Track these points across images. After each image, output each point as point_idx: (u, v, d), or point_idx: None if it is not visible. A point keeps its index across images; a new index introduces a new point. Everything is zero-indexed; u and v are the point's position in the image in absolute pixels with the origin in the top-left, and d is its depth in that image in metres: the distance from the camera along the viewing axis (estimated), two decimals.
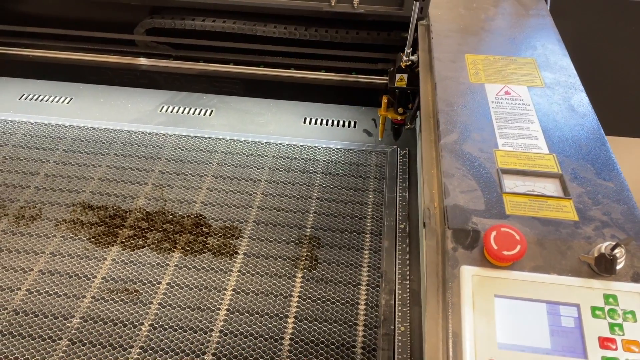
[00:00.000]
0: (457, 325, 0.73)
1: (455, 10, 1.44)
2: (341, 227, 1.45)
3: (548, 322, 0.73)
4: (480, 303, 0.74)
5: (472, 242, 0.81)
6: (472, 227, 0.82)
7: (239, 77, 1.61)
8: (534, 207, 0.86)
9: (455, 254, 0.79)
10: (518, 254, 0.76)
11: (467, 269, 0.78)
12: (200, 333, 1.19)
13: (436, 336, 0.76)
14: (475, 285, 0.76)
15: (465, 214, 0.85)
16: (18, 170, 1.59)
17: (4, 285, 1.27)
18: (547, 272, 0.77)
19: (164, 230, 1.42)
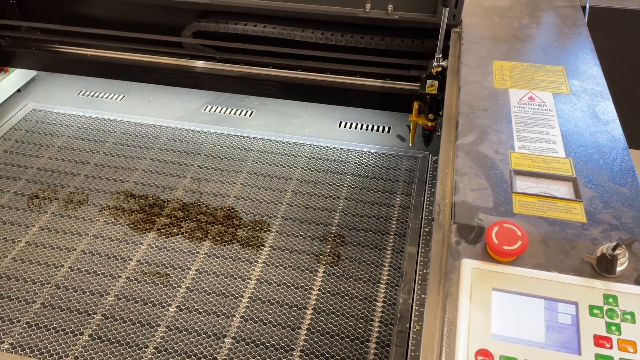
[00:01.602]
0: (453, 315, 0.75)
1: (489, 18, 1.45)
2: (366, 227, 1.48)
3: (544, 318, 0.74)
4: (478, 295, 0.76)
5: (476, 237, 0.83)
6: (477, 223, 0.84)
7: (277, 80, 1.67)
8: (543, 207, 0.87)
9: (458, 248, 0.82)
10: (518, 249, 0.77)
11: (468, 262, 0.80)
12: (222, 317, 1.25)
13: (433, 325, 0.78)
14: (475, 278, 0.78)
15: (472, 210, 0.87)
16: (71, 159, 1.72)
17: (49, 262, 1.38)
18: (548, 270, 0.77)
19: (197, 221, 1.50)
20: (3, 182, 1.62)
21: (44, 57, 1.84)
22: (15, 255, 1.39)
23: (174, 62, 1.74)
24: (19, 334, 1.21)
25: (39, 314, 1.25)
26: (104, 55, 1.77)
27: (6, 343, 1.19)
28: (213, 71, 1.72)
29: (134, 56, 1.76)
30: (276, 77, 1.67)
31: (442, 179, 0.98)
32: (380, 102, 1.66)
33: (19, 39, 1.85)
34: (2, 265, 1.36)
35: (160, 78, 1.77)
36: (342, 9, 1.49)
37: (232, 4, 1.57)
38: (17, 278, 1.33)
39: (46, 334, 1.21)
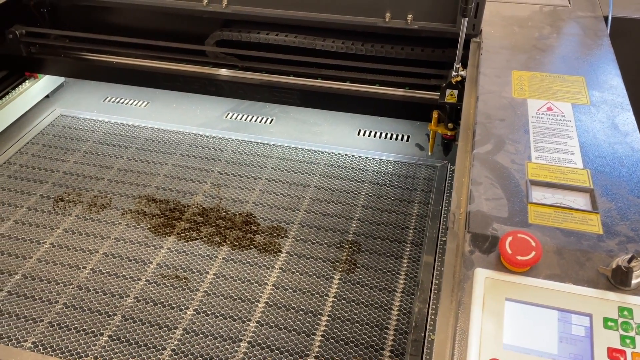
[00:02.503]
0: (465, 324, 0.75)
1: (509, 28, 1.45)
2: (383, 235, 1.48)
3: (558, 329, 0.74)
4: (491, 304, 0.76)
5: (490, 246, 0.83)
6: (492, 233, 0.84)
7: (297, 88, 1.69)
8: (558, 218, 0.86)
9: (472, 257, 0.82)
10: (532, 259, 0.77)
11: (481, 271, 0.80)
12: (238, 322, 1.27)
13: (445, 333, 0.78)
14: (488, 287, 0.78)
15: (486, 220, 0.87)
16: (95, 163, 1.77)
17: (72, 264, 1.41)
18: (562, 281, 0.77)
19: (216, 226, 1.52)
20: (30, 185, 1.67)
21: (72, 64, 1.89)
22: (40, 256, 1.43)
23: (197, 69, 1.77)
24: (41, 333, 1.24)
25: (61, 314, 1.28)
26: (129, 62, 1.82)
27: (29, 342, 1.22)
28: (235, 79, 1.75)
29: (158, 64, 1.80)
30: (296, 85, 1.70)
31: (457, 188, 0.99)
32: (400, 110, 1.67)
33: (48, 47, 1.91)
34: (27, 265, 1.41)
35: (184, 85, 1.80)
36: (362, 19, 1.50)
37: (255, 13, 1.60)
38: (41, 278, 1.37)
39: (67, 334, 1.24)
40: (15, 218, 1.55)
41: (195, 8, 1.66)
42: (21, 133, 1.90)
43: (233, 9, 1.63)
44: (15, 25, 1.86)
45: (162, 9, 1.71)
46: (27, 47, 1.88)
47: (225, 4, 1.62)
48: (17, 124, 1.94)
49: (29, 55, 1.88)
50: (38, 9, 1.93)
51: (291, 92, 1.71)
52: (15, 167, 1.75)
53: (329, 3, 1.52)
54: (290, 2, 1.56)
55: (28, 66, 1.95)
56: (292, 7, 1.56)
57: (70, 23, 1.96)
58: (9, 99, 1.91)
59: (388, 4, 1.48)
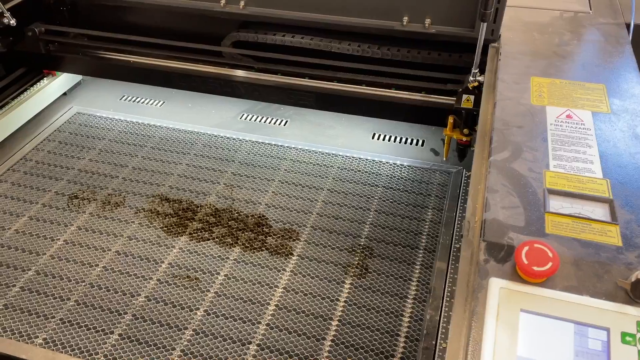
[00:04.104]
0: (478, 334, 0.74)
1: (528, 34, 1.43)
2: (395, 241, 1.47)
3: (574, 343, 0.72)
4: (505, 315, 0.75)
5: (505, 256, 0.81)
6: (507, 242, 0.83)
7: (313, 91, 1.68)
8: (576, 228, 0.84)
9: (486, 266, 0.80)
10: (549, 270, 0.75)
11: (496, 281, 0.78)
12: (248, 324, 1.26)
13: (458, 342, 0.77)
14: (502, 298, 0.77)
15: (502, 228, 0.85)
16: (110, 162, 1.78)
17: (85, 261, 1.42)
18: (579, 293, 0.75)
19: (228, 227, 1.52)
20: (45, 182, 1.69)
21: (89, 63, 1.91)
22: (53, 252, 1.44)
23: (213, 70, 1.77)
24: (52, 329, 1.25)
25: (72, 311, 1.29)
26: (146, 62, 1.83)
27: (40, 338, 1.23)
28: (250, 80, 1.74)
29: (175, 63, 1.80)
30: (312, 87, 1.69)
31: (473, 195, 0.97)
32: (415, 115, 1.66)
33: (66, 45, 1.92)
34: (40, 262, 1.41)
35: (199, 85, 1.81)
36: (380, 22, 1.49)
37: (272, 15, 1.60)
38: (54, 275, 1.38)
39: (78, 331, 1.24)
40: (30, 214, 1.56)
41: (213, 9, 1.66)
42: (38, 130, 1.91)
43: (250, 10, 1.63)
44: (34, 22, 1.87)
45: (180, 9, 1.72)
46: (45, 44, 1.89)
47: (242, 5, 1.62)
48: (34, 121, 1.96)
49: (47, 53, 1.89)
50: (58, 7, 1.95)
51: (307, 94, 1.70)
52: (31, 164, 1.76)
53: (347, 6, 1.52)
54: (307, 4, 1.56)
55: (46, 64, 1.96)
56: (309, 10, 1.56)
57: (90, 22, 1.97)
58: (26, 96, 1.94)
59: (406, 7, 1.47)
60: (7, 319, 1.27)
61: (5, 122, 1.85)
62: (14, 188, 1.66)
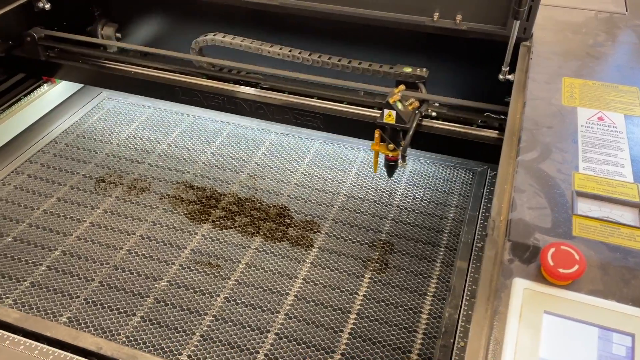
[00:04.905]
0: (500, 334, 0.74)
1: (561, 34, 1.41)
2: (416, 237, 1.47)
3: (597, 347, 0.71)
4: (528, 316, 0.74)
5: (530, 257, 0.80)
6: (533, 243, 0.82)
7: (321, 112, 1.54)
8: (605, 232, 0.83)
9: (511, 266, 0.80)
10: (575, 273, 0.74)
11: (520, 282, 0.78)
12: (267, 313, 1.27)
13: (479, 341, 0.76)
14: (526, 299, 0.76)
15: (528, 229, 0.84)
16: (137, 147, 1.80)
17: (110, 244, 1.45)
18: (605, 298, 0.74)
19: (250, 216, 1.53)
20: (74, 165, 1.72)
21: (89, 72, 1.79)
22: (79, 234, 1.47)
23: (217, 85, 1.66)
24: (76, 309, 1.28)
25: (96, 291, 1.32)
26: (147, 73, 1.72)
27: (64, 316, 1.26)
28: (255, 98, 1.61)
29: (177, 77, 1.69)
30: (320, 108, 1.56)
31: (499, 194, 0.96)
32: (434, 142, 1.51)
33: (66, 51, 1.81)
34: (67, 242, 1.45)
35: (202, 101, 1.67)
36: (409, 17, 1.48)
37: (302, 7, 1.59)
38: (80, 256, 1.41)
39: (101, 312, 1.27)
40: (58, 195, 1.60)
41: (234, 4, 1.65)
42: (68, 114, 1.95)
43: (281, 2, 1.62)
44: (34, 27, 1.76)
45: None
46: (45, 50, 1.78)
47: None
48: (64, 104, 1.99)
49: (46, 59, 1.78)
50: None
51: (314, 115, 1.56)
52: (61, 146, 1.80)
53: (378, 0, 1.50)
54: None
55: (45, 70, 1.85)
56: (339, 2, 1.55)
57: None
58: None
59: (437, 3, 1.45)
60: (33, 296, 1.30)
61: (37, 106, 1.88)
62: (43, 169, 1.70)
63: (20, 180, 1.65)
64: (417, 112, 1.39)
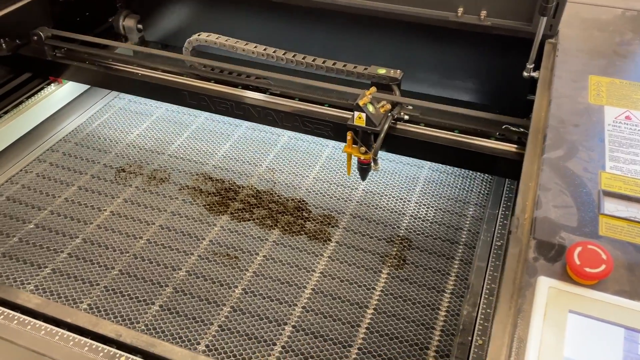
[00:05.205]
0: (524, 332, 0.73)
1: (588, 32, 1.39)
2: (435, 234, 1.46)
3: (623, 348, 0.70)
4: (553, 315, 0.74)
5: (556, 255, 0.80)
6: (559, 242, 0.81)
7: (332, 121, 1.46)
8: (632, 233, 0.82)
9: (535, 264, 0.79)
10: (602, 273, 0.73)
11: (545, 280, 0.77)
12: (285, 305, 1.28)
13: (501, 339, 0.76)
14: (551, 297, 0.75)
15: (554, 227, 0.83)
16: (157, 138, 1.81)
17: (130, 233, 1.46)
18: (631, 298, 0.73)
19: (269, 209, 1.54)
20: (95, 154, 1.74)
21: (95, 73, 1.72)
22: (99, 222, 1.49)
23: (224, 90, 1.58)
24: (97, 296, 1.29)
25: (116, 280, 1.33)
26: (155, 76, 1.66)
27: (84, 303, 1.27)
28: (263, 104, 1.54)
29: (184, 80, 1.63)
30: (331, 116, 1.48)
31: (523, 192, 0.95)
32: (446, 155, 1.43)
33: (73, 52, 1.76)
34: (88, 230, 1.46)
35: (209, 105, 1.60)
36: (433, 12, 1.47)
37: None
38: (100, 244, 1.42)
39: (121, 300, 1.28)
40: (79, 184, 1.62)
41: None
42: (88, 104, 1.96)
43: None
44: (41, 26, 1.71)
45: None
46: (52, 50, 1.73)
47: None
48: (85, 94, 2.01)
49: (53, 59, 1.73)
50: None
51: (325, 124, 1.48)
52: (82, 135, 1.82)
53: None
54: None
55: (51, 70, 1.79)
56: None
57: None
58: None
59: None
60: (54, 283, 1.32)
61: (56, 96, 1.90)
62: (64, 158, 1.72)
63: (42, 168, 1.68)
64: (389, 115, 1.34)
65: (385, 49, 1.71)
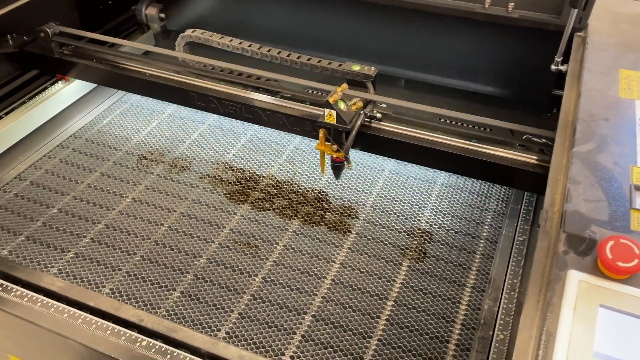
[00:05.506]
0: (552, 326, 0.72)
1: (618, 26, 1.36)
2: (456, 228, 1.45)
3: None
4: (583, 309, 0.73)
5: (586, 249, 0.78)
6: (589, 236, 0.80)
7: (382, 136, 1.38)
8: None
9: (565, 258, 0.78)
10: (634, 267, 0.72)
11: (575, 274, 0.76)
12: (305, 295, 1.28)
13: (529, 332, 0.75)
14: (581, 291, 0.74)
15: (584, 221, 0.82)
16: (179, 127, 1.82)
17: (151, 219, 1.47)
18: None
19: (289, 199, 1.54)
20: (118, 141, 1.75)
21: (101, 71, 1.68)
22: (122, 209, 1.50)
23: (233, 92, 1.53)
24: (119, 281, 1.30)
25: (138, 265, 1.34)
26: (162, 75, 1.60)
27: (107, 288, 1.29)
28: (273, 107, 1.48)
29: (192, 80, 1.57)
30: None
31: (552, 186, 0.94)
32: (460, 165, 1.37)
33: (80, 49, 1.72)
34: (110, 216, 1.48)
35: (218, 107, 1.55)
36: (460, 3, 1.45)
37: None
38: (122, 230, 1.44)
39: (142, 285, 1.29)
40: (102, 170, 1.63)
41: None
42: (110, 92, 1.97)
43: None
44: (48, 22, 1.68)
45: None
46: (59, 47, 1.69)
47: None
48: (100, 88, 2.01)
49: (60, 57, 1.69)
50: None
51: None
52: (105, 123, 1.83)
53: None
54: None
55: (58, 68, 1.75)
56: None
57: None
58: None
59: None
60: (77, 267, 1.34)
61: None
62: (87, 144, 1.74)
63: (65, 154, 1.69)
64: (361, 113, 1.30)
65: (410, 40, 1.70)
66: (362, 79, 1.39)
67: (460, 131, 1.36)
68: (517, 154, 1.27)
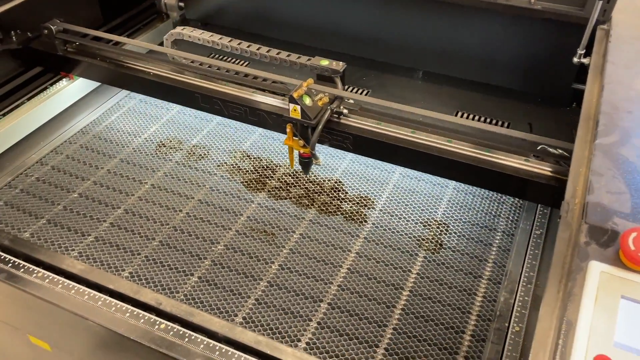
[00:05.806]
0: (573, 316, 0.72)
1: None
2: (472, 220, 1.45)
3: None
4: (604, 300, 0.73)
5: (608, 240, 0.78)
6: (612, 227, 0.80)
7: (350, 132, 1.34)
8: None
9: (587, 249, 0.78)
10: None
11: (596, 265, 0.76)
12: (321, 283, 1.29)
13: (549, 322, 0.75)
14: (602, 282, 0.74)
15: (606, 213, 0.82)
16: (197, 115, 1.83)
17: (170, 205, 1.49)
18: None
19: (305, 188, 1.54)
20: (137, 128, 1.77)
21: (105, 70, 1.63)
22: (141, 194, 1.52)
23: (238, 93, 1.48)
24: (137, 265, 1.32)
25: (156, 250, 1.36)
26: (166, 75, 1.56)
27: (126, 271, 1.31)
28: (279, 111, 1.41)
29: (196, 81, 1.53)
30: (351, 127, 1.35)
31: (573, 177, 0.94)
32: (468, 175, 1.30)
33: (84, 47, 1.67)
34: (129, 202, 1.49)
35: (222, 110, 1.50)
36: None
37: None
38: (141, 215, 1.45)
39: (161, 269, 1.31)
40: (121, 157, 1.65)
41: None
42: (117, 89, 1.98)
43: None
44: (52, 19, 1.64)
45: None
46: (63, 44, 1.65)
47: None
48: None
49: (64, 54, 1.65)
50: None
51: (343, 135, 1.36)
52: (124, 110, 1.85)
53: None
54: None
55: (61, 65, 1.71)
56: None
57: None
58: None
59: None
60: (97, 250, 1.36)
61: None
62: (107, 131, 1.76)
63: (86, 140, 1.71)
64: (328, 109, 1.29)
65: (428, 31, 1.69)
66: (330, 74, 1.38)
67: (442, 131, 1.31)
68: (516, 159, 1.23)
